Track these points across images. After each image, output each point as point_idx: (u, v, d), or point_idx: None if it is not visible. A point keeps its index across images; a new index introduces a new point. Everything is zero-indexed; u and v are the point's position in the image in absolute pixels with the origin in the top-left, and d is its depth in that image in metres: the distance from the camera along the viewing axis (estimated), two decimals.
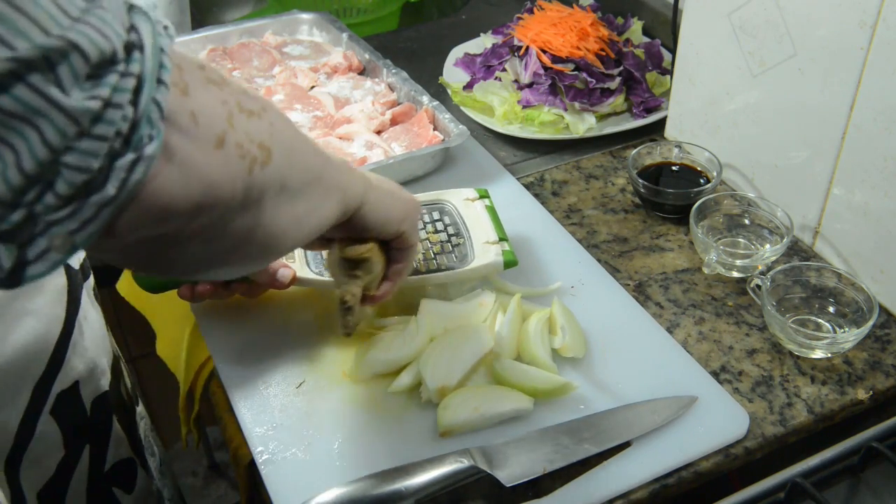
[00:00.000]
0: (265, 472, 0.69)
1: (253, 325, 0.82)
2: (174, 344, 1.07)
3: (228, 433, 1.09)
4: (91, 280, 0.77)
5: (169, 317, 1.07)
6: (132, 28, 0.36)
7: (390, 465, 0.66)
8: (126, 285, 1.12)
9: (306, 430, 0.72)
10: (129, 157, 0.35)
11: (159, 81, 0.36)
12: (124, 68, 0.35)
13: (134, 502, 0.83)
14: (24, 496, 0.69)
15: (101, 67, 0.34)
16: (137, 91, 0.35)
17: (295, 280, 0.78)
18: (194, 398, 1.05)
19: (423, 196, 0.88)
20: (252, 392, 0.75)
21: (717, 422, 0.72)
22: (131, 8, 0.37)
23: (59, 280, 0.69)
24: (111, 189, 0.35)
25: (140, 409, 0.90)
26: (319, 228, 0.55)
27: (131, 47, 0.35)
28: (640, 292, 0.87)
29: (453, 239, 0.83)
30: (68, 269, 0.71)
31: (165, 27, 0.38)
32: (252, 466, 0.72)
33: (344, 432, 0.72)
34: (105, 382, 0.78)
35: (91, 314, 0.76)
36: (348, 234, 0.64)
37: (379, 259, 0.67)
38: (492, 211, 0.86)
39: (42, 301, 0.67)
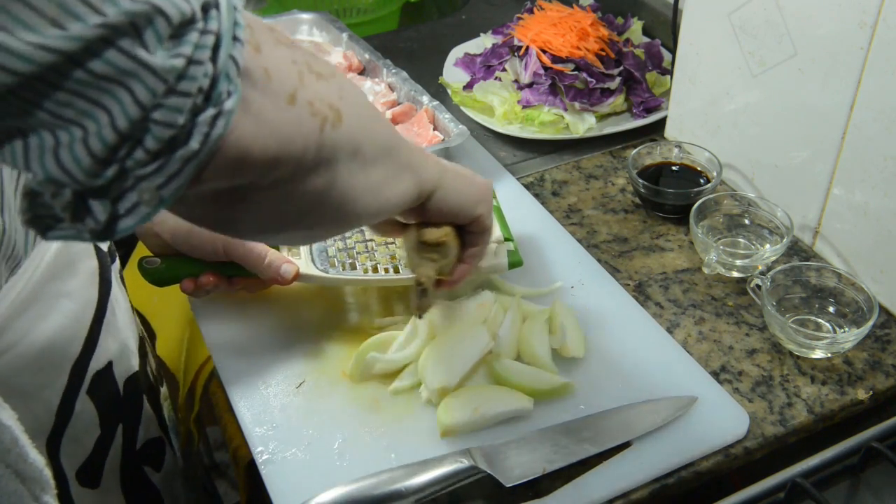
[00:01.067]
0: (265, 472, 0.69)
1: (253, 326, 0.82)
2: (174, 344, 1.07)
3: (228, 433, 1.09)
4: (117, 263, 0.78)
5: (169, 317, 1.07)
6: None
7: (390, 465, 0.66)
8: (128, 286, 1.12)
9: (306, 430, 0.72)
10: (210, 111, 0.37)
11: (235, 38, 0.38)
12: (203, 26, 0.36)
13: (163, 480, 0.84)
14: (64, 475, 0.70)
15: (182, 27, 0.35)
16: (216, 48, 0.36)
17: (298, 276, 0.78)
18: (194, 398, 1.06)
19: None
20: (252, 392, 0.75)
21: (717, 422, 0.72)
22: None
23: (90, 262, 0.70)
24: (195, 143, 0.36)
25: (164, 390, 0.90)
26: (396, 204, 0.56)
27: (208, 6, 0.37)
28: (640, 292, 0.87)
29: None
30: (98, 250, 0.72)
31: None
32: (252, 466, 0.72)
33: (344, 432, 0.72)
34: (135, 362, 0.79)
35: (119, 296, 0.77)
36: (424, 219, 0.65)
37: (454, 243, 0.68)
38: (498, 211, 0.87)
39: (76, 283, 0.68)
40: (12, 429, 0.55)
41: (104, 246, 0.74)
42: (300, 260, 0.81)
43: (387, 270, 0.81)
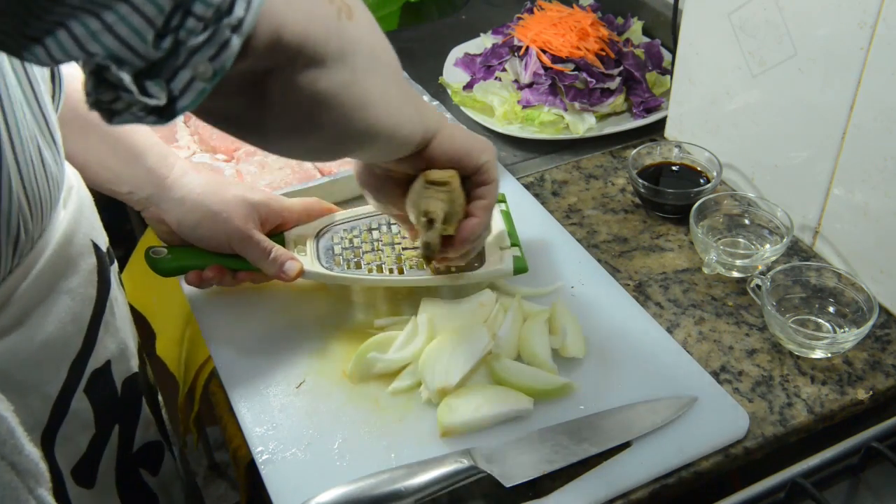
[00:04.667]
0: (265, 472, 0.69)
1: (253, 326, 0.82)
2: (174, 344, 1.07)
3: (228, 433, 1.09)
4: (116, 265, 0.78)
5: (169, 317, 1.07)
6: None
7: (390, 465, 0.66)
8: (127, 286, 1.12)
9: (306, 430, 0.72)
10: None
11: None
12: None
13: (159, 484, 0.84)
14: (60, 472, 0.70)
15: None
16: None
17: (302, 273, 0.79)
18: (194, 398, 1.06)
19: None
20: (252, 392, 0.75)
21: (717, 422, 0.72)
22: None
23: (90, 260, 0.71)
24: (239, 10, 0.38)
25: (160, 398, 0.91)
26: (406, 133, 0.59)
27: None
28: (640, 292, 0.87)
29: None
30: (97, 249, 0.72)
31: None
32: (252, 466, 0.72)
33: (344, 432, 0.72)
34: (134, 364, 0.79)
35: (119, 297, 0.78)
36: (429, 166, 0.67)
37: (460, 193, 0.69)
38: (507, 216, 0.87)
39: (77, 280, 0.69)
40: (8, 420, 0.55)
41: (102, 245, 0.74)
42: (305, 257, 0.81)
43: (391, 271, 0.81)
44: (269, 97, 0.47)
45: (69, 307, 0.68)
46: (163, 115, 0.39)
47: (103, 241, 0.75)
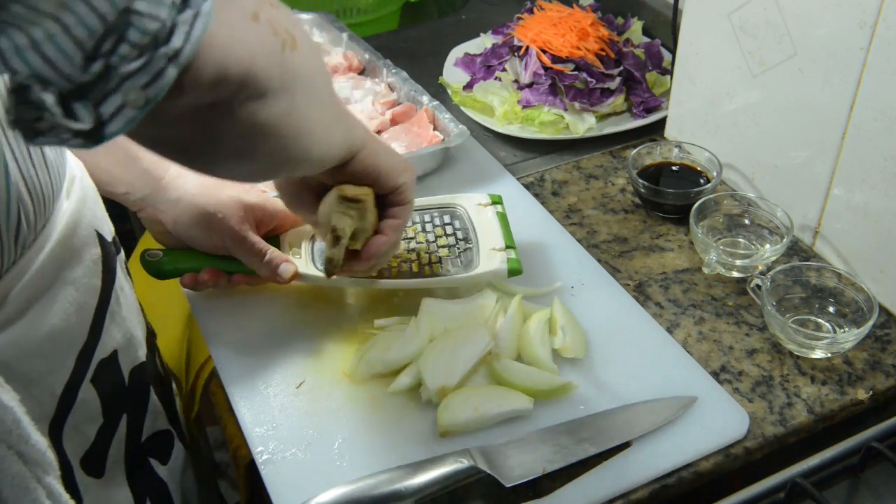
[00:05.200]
0: (265, 472, 0.69)
1: (253, 326, 0.82)
2: (174, 344, 1.07)
3: (228, 433, 1.09)
4: (122, 254, 0.78)
5: (169, 317, 1.07)
6: None
7: (390, 465, 0.66)
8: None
9: (306, 430, 0.72)
10: (190, 12, 0.38)
11: None
12: None
13: (169, 473, 0.84)
14: (69, 462, 0.70)
15: None
16: None
17: (297, 275, 0.79)
18: (194, 398, 1.05)
19: (435, 199, 0.88)
20: (252, 392, 0.76)
21: (717, 422, 0.72)
22: None
23: (94, 250, 0.71)
24: (177, 41, 0.37)
25: (173, 387, 0.91)
26: (331, 153, 0.59)
27: None
28: (640, 292, 0.87)
29: (461, 244, 0.83)
30: (101, 239, 0.72)
31: None
32: (252, 466, 0.72)
33: (344, 432, 0.72)
34: (142, 354, 0.79)
35: (125, 286, 0.78)
36: (347, 180, 0.67)
37: (372, 210, 0.69)
38: (502, 217, 0.86)
39: (81, 271, 0.69)
40: (14, 409, 0.55)
41: (108, 235, 0.74)
42: (300, 259, 0.81)
43: (384, 274, 0.81)
44: (211, 128, 0.46)
45: (74, 298, 0.68)
46: (89, 138, 0.38)
47: (108, 231, 0.75)
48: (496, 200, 0.89)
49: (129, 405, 0.78)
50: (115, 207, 0.86)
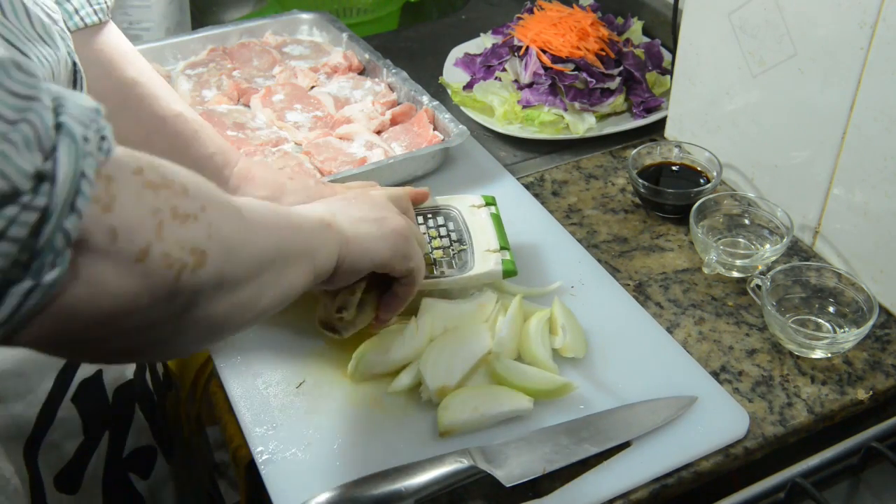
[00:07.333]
0: (265, 472, 0.69)
1: (253, 325, 0.82)
2: None
3: (228, 433, 1.09)
4: None
5: None
6: (52, 152, 0.35)
7: (390, 465, 0.66)
8: None
9: (306, 430, 0.72)
10: (27, 284, 0.35)
11: (72, 209, 0.36)
12: (29, 200, 0.34)
13: (148, 489, 0.84)
14: (41, 479, 0.70)
15: None
16: (42, 221, 0.35)
17: None
18: (194, 398, 1.05)
19: (429, 201, 0.88)
20: (252, 392, 0.75)
21: (717, 422, 0.72)
22: (59, 127, 0.36)
23: None
24: (3, 313, 0.35)
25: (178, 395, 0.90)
26: (283, 300, 0.55)
27: (43, 177, 0.35)
28: (640, 292, 0.87)
29: (455, 245, 0.83)
30: None
31: (102, 138, 0.38)
32: (252, 466, 0.72)
33: (344, 432, 0.72)
34: (129, 372, 0.78)
35: None
36: (336, 287, 0.65)
37: (371, 303, 0.72)
38: (496, 219, 0.86)
39: None
40: None
41: None
42: None
43: None
44: (78, 348, 0.43)
45: None
46: None
47: None
48: (490, 202, 0.89)
49: (112, 423, 0.77)
50: None
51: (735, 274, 0.88)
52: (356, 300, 0.68)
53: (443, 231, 0.85)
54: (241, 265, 0.48)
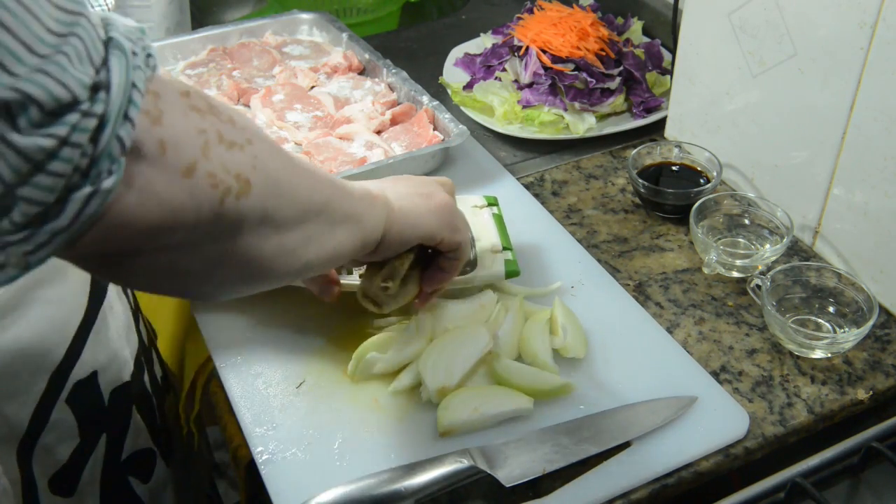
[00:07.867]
0: (265, 472, 0.69)
1: (253, 325, 0.82)
2: (174, 344, 1.07)
3: (228, 433, 1.09)
4: None
5: (169, 317, 1.07)
6: (104, 63, 0.37)
7: (390, 465, 0.66)
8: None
9: (306, 430, 0.72)
10: (87, 189, 0.37)
11: (126, 117, 0.38)
12: (88, 108, 0.36)
13: (149, 492, 0.83)
14: (34, 482, 0.69)
15: (59, 111, 0.35)
16: (100, 128, 0.36)
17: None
18: (194, 398, 1.05)
19: None
20: (252, 392, 0.75)
21: (717, 422, 0.72)
22: (109, 41, 0.38)
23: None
24: (65, 220, 0.37)
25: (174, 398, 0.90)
26: (331, 259, 0.55)
27: (98, 87, 0.37)
28: (640, 292, 0.87)
29: None
30: None
31: (149, 55, 0.40)
32: (252, 466, 0.72)
33: (344, 432, 0.72)
34: (126, 374, 0.78)
35: (117, 305, 0.77)
36: (383, 258, 0.64)
37: (415, 276, 0.70)
38: (499, 219, 0.86)
39: (64, 290, 0.68)
40: None
41: None
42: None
43: None
44: (127, 264, 0.44)
45: (49, 316, 0.67)
46: None
47: None
48: (492, 202, 0.88)
49: (109, 425, 0.77)
50: None
51: (735, 274, 0.88)
52: (403, 271, 0.66)
53: None
54: (287, 206, 0.49)
